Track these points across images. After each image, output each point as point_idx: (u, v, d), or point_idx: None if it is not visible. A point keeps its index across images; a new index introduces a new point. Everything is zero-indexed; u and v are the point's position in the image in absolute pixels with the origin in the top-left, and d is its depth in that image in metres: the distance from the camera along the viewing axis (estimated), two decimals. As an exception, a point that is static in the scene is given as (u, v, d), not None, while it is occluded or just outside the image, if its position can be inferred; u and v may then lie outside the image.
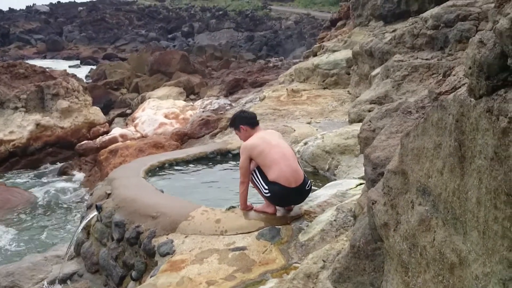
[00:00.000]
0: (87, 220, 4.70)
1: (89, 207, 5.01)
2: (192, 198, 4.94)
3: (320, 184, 5.06)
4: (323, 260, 3.00)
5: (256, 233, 3.82)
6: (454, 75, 1.83)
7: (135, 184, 4.81)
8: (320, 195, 4.36)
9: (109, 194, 4.66)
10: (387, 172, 2.29)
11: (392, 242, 2.23)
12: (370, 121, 3.74)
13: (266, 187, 3.97)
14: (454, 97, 1.53)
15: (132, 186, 4.73)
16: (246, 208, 4.10)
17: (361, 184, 4.43)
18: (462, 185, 1.54)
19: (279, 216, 4.03)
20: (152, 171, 5.55)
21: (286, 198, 4.01)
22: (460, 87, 1.65)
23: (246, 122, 4.19)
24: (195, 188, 5.30)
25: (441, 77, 2.63)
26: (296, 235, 3.82)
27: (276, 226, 3.88)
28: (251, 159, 4.00)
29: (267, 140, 4.06)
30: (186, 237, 3.82)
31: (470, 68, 1.38)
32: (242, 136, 4.22)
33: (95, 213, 4.57)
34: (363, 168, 3.63)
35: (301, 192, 4.06)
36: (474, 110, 1.38)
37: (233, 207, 4.20)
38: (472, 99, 1.40)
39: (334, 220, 3.83)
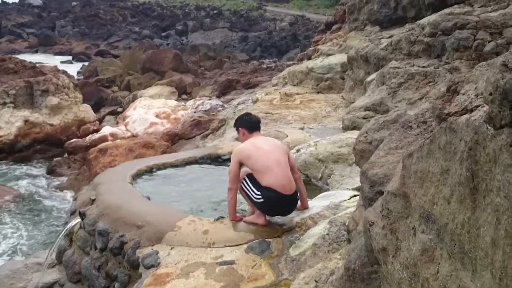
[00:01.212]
0: (70, 227, 4.51)
1: (72, 213, 4.82)
2: (180, 205, 4.78)
3: (313, 195, 4.91)
4: (315, 281, 2.85)
5: (245, 246, 3.66)
6: (464, 93, 1.69)
7: (120, 190, 4.63)
8: (312, 206, 4.22)
9: (93, 200, 4.47)
10: (386, 194, 2.14)
11: (391, 269, 2.09)
12: (367, 133, 3.60)
13: (258, 193, 3.84)
14: (467, 121, 1.38)
15: (117, 192, 4.55)
16: (235, 218, 3.96)
17: (355, 195, 4.30)
18: (474, 219, 1.40)
19: (269, 228, 3.88)
20: (139, 176, 5.36)
21: (280, 205, 3.89)
22: (472, 109, 1.51)
23: (245, 125, 4.15)
24: (183, 194, 5.13)
25: (444, 90, 2.49)
26: (287, 249, 3.67)
27: (266, 239, 3.73)
28: (241, 164, 3.91)
29: (259, 146, 3.97)
30: (172, 248, 3.66)
31: (491, 94, 1.24)
32: (240, 138, 4.22)
33: (78, 219, 4.38)
34: (357, 179, 3.50)
35: (294, 201, 3.97)
36: (493, 140, 1.24)
37: (222, 217, 4.04)
38: (491, 128, 1.26)
39: (327, 234, 3.69)
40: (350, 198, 4.31)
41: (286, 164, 3.99)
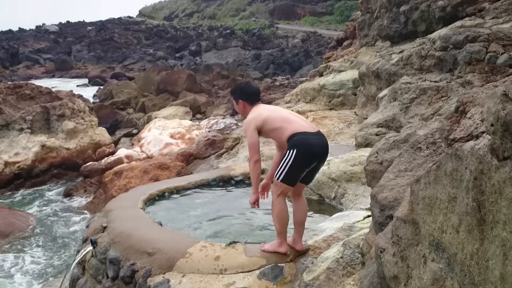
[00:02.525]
0: (82, 255, 4.51)
1: (84, 241, 4.82)
2: (192, 230, 4.74)
3: (327, 214, 4.84)
4: (328, 308, 2.77)
5: (257, 271, 3.59)
6: (470, 118, 1.64)
7: (132, 216, 4.62)
8: (325, 228, 4.14)
9: (104, 227, 4.47)
10: (396, 220, 2.08)
11: (402, 299, 2.01)
12: (377, 153, 3.54)
13: (288, 151, 3.53)
14: (471, 150, 1.33)
15: (128, 218, 4.54)
16: (258, 192, 3.73)
17: (369, 216, 4.21)
18: (482, 250, 1.34)
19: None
20: (151, 201, 5.36)
21: (311, 144, 3.54)
22: (477, 135, 1.45)
23: (246, 97, 3.86)
24: (195, 218, 5.09)
25: (453, 110, 2.44)
26: (300, 274, 3.59)
27: (279, 264, 3.65)
28: (258, 133, 3.67)
29: (268, 109, 3.84)
30: (183, 276, 3.61)
31: (492, 125, 1.19)
32: (239, 110, 3.96)
33: (90, 247, 4.38)
34: (371, 198, 3.42)
35: (321, 137, 3.67)
36: (496, 172, 1.19)
37: (234, 242, 3.99)
38: (495, 159, 1.21)
39: (341, 257, 3.60)
40: (364, 218, 4.22)
41: (299, 115, 3.89)
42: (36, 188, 12.04)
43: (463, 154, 1.44)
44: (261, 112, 3.74)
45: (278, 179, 3.59)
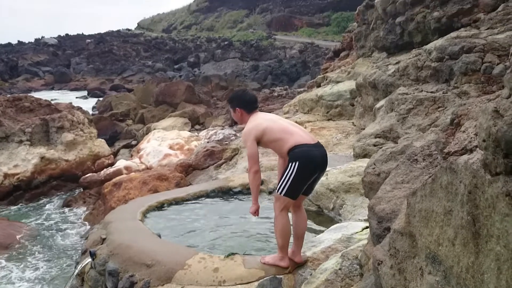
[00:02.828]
0: (81, 266, 4.51)
1: (83, 252, 4.82)
2: (191, 242, 4.74)
3: (325, 226, 4.85)
4: (326, 321, 2.77)
5: (256, 283, 3.60)
6: (464, 131, 1.67)
7: (131, 228, 4.62)
8: (324, 239, 4.15)
9: (104, 239, 4.47)
10: (393, 232, 2.10)
11: (400, 311, 2.02)
12: (375, 164, 3.56)
13: (290, 162, 3.54)
14: (465, 164, 1.36)
15: (127, 230, 4.54)
16: (257, 203, 3.73)
17: (367, 227, 4.22)
18: (477, 264, 1.35)
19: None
20: (150, 212, 5.36)
21: (312, 156, 3.54)
22: (471, 149, 1.48)
23: (243, 105, 3.82)
24: (194, 230, 5.10)
25: (448, 122, 2.47)
26: (299, 286, 3.60)
27: (278, 276, 3.66)
28: (257, 143, 3.66)
29: (267, 118, 3.80)
30: (182, 288, 3.61)
31: (484, 140, 1.21)
32: (236, 118, 3.94)
33: (89, 259, 4.38)
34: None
35: (321, 148, 3.67)
36: (489, 186, 1.21)
37: (233, 254, 3.99)
38: (487, 174, 1.23)
39: (339, 269, 3.61)
40: (363, 230, 4.23)
41: (298, 125, 3.88)
42: (35, 199, 12.04)
43: (457, 168, 1.46)
44: (260, 122, 3.71)
45: (280, 193, 3.58)
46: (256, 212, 3.76)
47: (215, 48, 49.46)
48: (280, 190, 3.59)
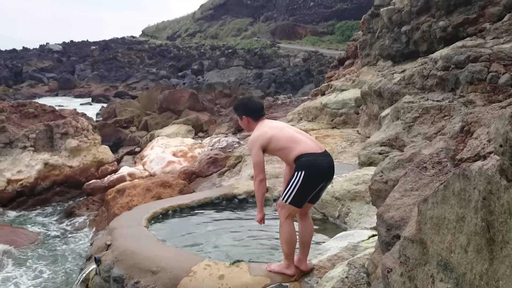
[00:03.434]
0: (86, 273, 4.49)
1: (88, 259, 4.81)
2: (196, 248, 4.73)
3: (331, 234, 4.83)
4: (334, 329, 2.75)
5: (262, 291, 3.57)
6: (476, 138, 1.66)
7: (136, 234, 4.61)
8: (330, 247, 4.13)
9: (108, 245, 4.46)
10: (403, 240, 2.08)
11: (410, 319, 2.00)
12: (382, 172, 3.55)
13: (296, 171, 3.51)
14: (480, 170, 1.35)
15: (132, 236, 4.54)
16: (263, 212, 3.72)
17: (373, 235, 4.20)
18: (492, 270, 1.34)
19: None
20: (155, 219, 5.35)
21: (319, 166, 3.52)
22: (485, 156, 1.47)
23: (249, 113, 3.82)
24: (199, 236, 5.08)
25: (457, 130, 2.46)
26: (305, 293, 3.58)
27: (284, 284, 3.64)
28: (263, 151, 3.65)
29: (273, 126, 3.78)
30: (187, 295, 3.59)
31: (501, 146, 1.21)
32: (243, 126, 3.95)
33: (94, 265, 4.36)
34: (375, 217, 3.42)
35: (328, 157, 3.63)
36: (506, 192, 1.20)
37: (238, 261, 3.98)
38: (504, 180, 1.23)
39: (346, 277, 3.59)
40: (369, 238, 4.21)
41: (305, 133, 3.86)
42: (38, 205, 12.02)
43: (471, 174, 1.45)
44: (266, 130, 3.70)
45: (286, 201, 3.58)
46: (261, 220, 3.76)
47: (219, 55, 49.64)
48: (285, 198, 3.59)
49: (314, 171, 3.53)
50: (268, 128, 3.74)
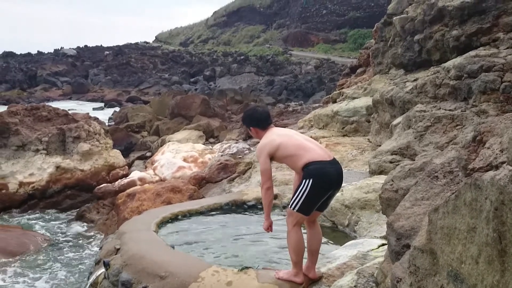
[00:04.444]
0: (95, 276, 4.51)
1: (97, 263, 4.83)
2: (205, 254, 4.73)
3: (340, 242, 4.79)
4: (342, 338, 2.72)
5: (270, 298, 3.56)
6: (489, 148, 1.64)
7: (145, 239, 4.63)
8: (339, 256, 4.10)
9: (118, 249, 4.48)
10: (413, 249, 2.06)
11: (420, 331, 1.98)
12: (393, 181, 3.53)
13: (303, 179, 3.50)
14: (492, 180, 1.34)
15: (141, 241, 4.55)
16: (270, 219, 3.73)
17: (383, 244, 4.17)
18: (503, 282, 1.32)
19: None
20: (165, 224, 5.37)
21: (327, 174, 3.50)
22: (497, 165, 1.46)
23: (255, 123, 3.84)
24: (208, 242, 5.08)
25: (469, 139, 2.43)
26: (313, 302, 3.55)
27: (292, 291, 3.62)
28: (271, 158, 3.65)
29: (281, 133, 3.78)
30: (195, 301, 3.59)
31: (514, 156, 1.20)
32: (254, 136, 3.97)
33: (102, 269, 4.38)
34: (385, 226, 3.39)
35: (337, 165, 3.62)
36: (518, 203, 1.19)
37: (246, 267, 3.97)
38: (516, 190, 1.21)
39: (355, 286, 3.55)
40: (379, 247, 4.17)
41: (314, 141, 3.86)
42: (49, 208, 12.13)
43: (483, 184, 1.44)
44: (274, 137, 3.71)
45: (293, 209, 3.57)
46: (269, 228, 3.77)
47: (231, 62, 49.83)
48: (293, 206, 3.58)
49: (322, 179, 3.52)
50: (276, 135, 3.75)
